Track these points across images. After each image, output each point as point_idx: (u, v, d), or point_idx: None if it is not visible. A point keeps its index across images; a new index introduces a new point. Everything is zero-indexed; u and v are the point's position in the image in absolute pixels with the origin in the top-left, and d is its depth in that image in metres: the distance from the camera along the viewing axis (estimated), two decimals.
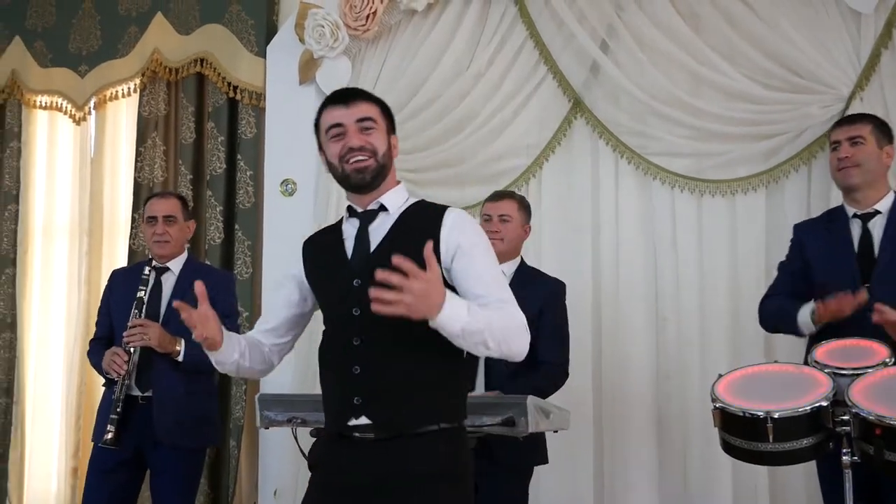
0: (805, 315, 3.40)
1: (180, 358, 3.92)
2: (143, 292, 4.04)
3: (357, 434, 2.43)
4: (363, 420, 2.43)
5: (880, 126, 3.61)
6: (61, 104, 6.05)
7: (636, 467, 4.68)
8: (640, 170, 4.85)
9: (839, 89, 4.48)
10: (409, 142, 5.09)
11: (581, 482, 4.72)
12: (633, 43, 4.82)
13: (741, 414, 2.84)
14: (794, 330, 3.49)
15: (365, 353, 2.43)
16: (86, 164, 5.99)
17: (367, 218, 2.55)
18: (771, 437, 2.78)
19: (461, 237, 2.46)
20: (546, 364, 3.72)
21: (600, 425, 4.78)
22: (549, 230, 4.95)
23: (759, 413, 2.80)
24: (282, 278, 2.75)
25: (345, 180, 2.54)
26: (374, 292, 2.18)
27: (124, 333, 3.93)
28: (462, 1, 5.10)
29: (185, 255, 4.25)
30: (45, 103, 6.10)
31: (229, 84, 5.49)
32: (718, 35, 4.72)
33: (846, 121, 3.71)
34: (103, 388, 4.15)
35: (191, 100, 5.64)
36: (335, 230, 2.63)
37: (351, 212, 2.59)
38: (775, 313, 3.62)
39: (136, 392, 3.97)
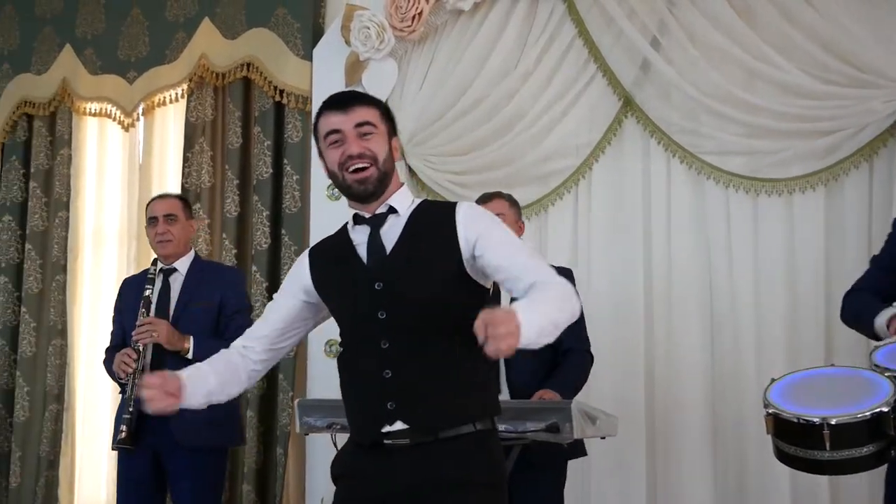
0: (882, 322, 3.17)
1: (190, 355, 3.88)
2: (149, 291, 4.04)
3: (388, 441, 2.36)
4: (398, 425, 2.36)
5: None
6: (110, 111, 6.05)
7: (690, 473, 4.56)
8: (693, 169, 4.72)
9: None
10: (457, 143, 5.03)
11: (633, 488, 4.62)
12: (686, 39, 4.69)
13: (795, 420, 2.71)
14: (870, 333, 3.28)
15: (395, 356, 2.37)
16: (134, 170, 6.00)
17: (377, 222, 2.48)
18: (828, 445, 2.64)
19: (479, 226, 2.41)
20: (572, 352, 3.74)
21: (653, 430, 4.67)
22: (600, 231, 4.86)
23: (815, 419, 2.66)
24: (283, 288, 2.68)
25: (347, 190, 2.47)
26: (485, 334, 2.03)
27: (133, 332, 3.92)
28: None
29: (191, 255, 4.25)
30: (95, 110, 6.10)
31: (275, 88, 5.44)
32: (774, 29, 4.56)
33: None
34: (120, 396, 4.13)
35: (237, 104, 5.60)
36: (342, 238, 2.56)
37: (357, 219, 2.51)
38: (855, 312, 3.39)
39: None
